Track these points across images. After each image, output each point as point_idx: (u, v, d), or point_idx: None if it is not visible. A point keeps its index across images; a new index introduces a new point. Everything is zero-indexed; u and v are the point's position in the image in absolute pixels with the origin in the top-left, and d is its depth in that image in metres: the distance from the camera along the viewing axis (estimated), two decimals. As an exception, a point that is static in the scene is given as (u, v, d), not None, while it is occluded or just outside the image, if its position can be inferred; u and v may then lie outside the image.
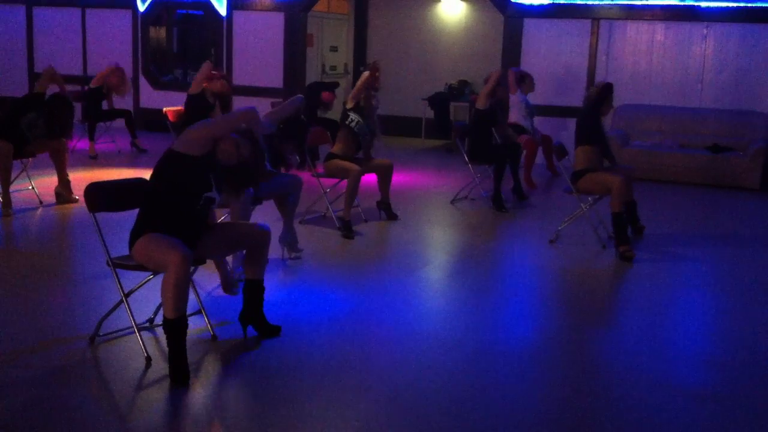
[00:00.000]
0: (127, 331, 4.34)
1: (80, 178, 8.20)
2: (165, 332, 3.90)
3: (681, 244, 7.08)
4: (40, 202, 7.72)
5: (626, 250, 6.43)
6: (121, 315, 4.31)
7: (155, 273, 4.15)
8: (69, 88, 10.75)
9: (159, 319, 4.48)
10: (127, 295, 4.20)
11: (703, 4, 10.72)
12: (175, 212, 4.04)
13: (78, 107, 11.25)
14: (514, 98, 9.50)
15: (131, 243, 4.09)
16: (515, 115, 9.49)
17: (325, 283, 5.65)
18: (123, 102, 12.70)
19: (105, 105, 11.11)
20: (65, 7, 14.05)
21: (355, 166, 7.02)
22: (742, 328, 5.05)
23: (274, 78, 12.68)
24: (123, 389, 3.85)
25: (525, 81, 9.63)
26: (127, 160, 10.59)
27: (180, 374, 3.85)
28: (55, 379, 3.89)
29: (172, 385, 3.83)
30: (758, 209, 9.04)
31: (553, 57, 11.53)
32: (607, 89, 7.02)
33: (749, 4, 10.54)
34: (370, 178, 7.84)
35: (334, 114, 9.45)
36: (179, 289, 3.83)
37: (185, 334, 3.90)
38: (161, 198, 4.04)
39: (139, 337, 4.13)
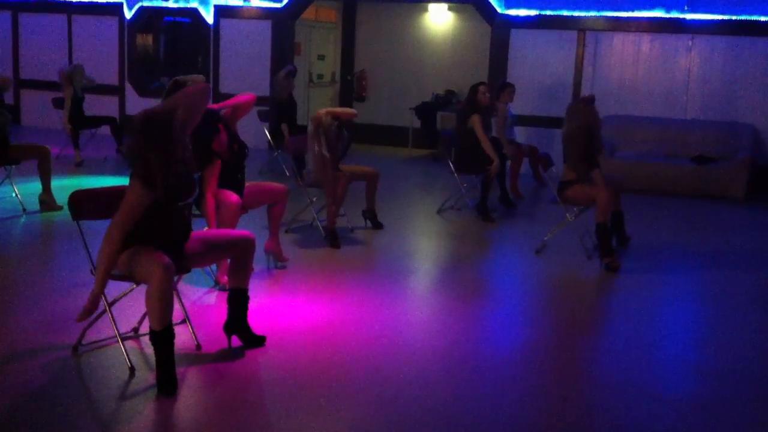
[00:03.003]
0: (110, 340, 4.31)
1: (65, 186, 8.15)
2: (152, 343, 3.87)
3: (666, 255, 7.11)
4: (24, 210, 7.66)
5: (611, 261, 6.45)
6: (104, 324, 4.28)
7: (138, 284, 4.13)
8: (53, 95, 10.80)
9: (143, 329, 4.46)
10: (110, 305, 4.17)
11: (689, 17, 10.80)
12: (155, 223, 4.01)
13: (62, 114, 11.26)
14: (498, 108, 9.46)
15: None
16: (495, 127, 9.43)
17: (311, 293, 5.63)
18: (109, 109, 12.68)
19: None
20: (51, 14, 14.00)
21: (342, 176, 6.99)
22: (728, 337, 5.07)
23: (261, 86, 12.65)
24: (106, 399, 3.82)
25: (505, 91, 9.61)
26: (113, 167, 10.52)
27: (168, 384, 3.83)
28: (37, 389, 3.85)
29: (158, 395, 3.80)
30: (743, 220, 9.09)
31: (539, 68, 11.57)
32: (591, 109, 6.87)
33: (734, 17, 10.63)
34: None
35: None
36: (163, 301, 3.81)
37: (172, 344, 3.88)
38: (145, 215, 4.00)
39: (122, 347, 4.10)
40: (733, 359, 4.67)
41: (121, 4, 13.52)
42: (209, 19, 13.07)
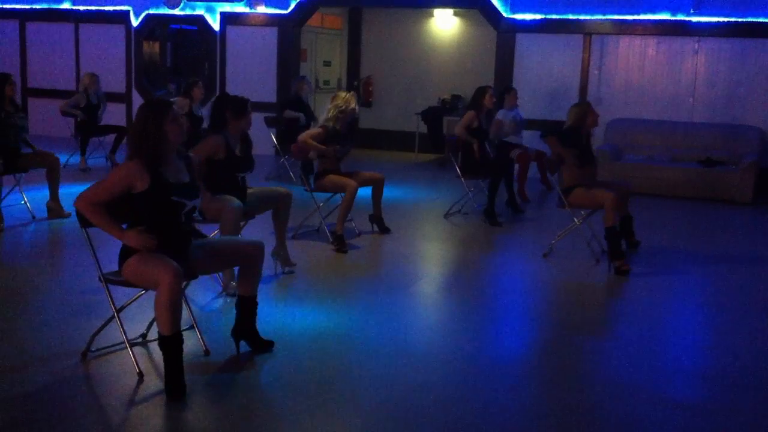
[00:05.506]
0: (119, 346, 4.32)
1: (72, 193, 8.16)
2: (161, 348, 3.88)
3: (674, 258, 7.09)
4: (33, 217, 7.70)
5: (621, 265, 6.42)
6: (113, 330, 4.29)
7: (147, 290, 4.14)
8: (60, 104, 10.92)
9: (151, 335, 4.47)
10: (119, 311, 4.18)
11: (694, 19, 10.79)
12: (160, 229, 4.02)
13: (71, 121, 11.31)
14: (499, 114, 9.46)
15: (120, 263, 4.08)
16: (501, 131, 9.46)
17: (318, 298, 5.63)
18: (116, 116, 12.72)
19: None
20: (59, 22, 14.07)
21: (351, 181, 7.00)
22: (735, 340, 5.05)
23: (267, 93, 12.70)
24: (115, 405, 3.82)
25: (509, 95, 9.64)
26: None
27: (177, 390, 3.83)
28: (46, 395, 3.86)
29: (167, 401, 3.81)
30: (750, 223, 9.06)
31: (545, 71, 11.57)
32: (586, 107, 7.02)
33: (740, 19, 10.61)
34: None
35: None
36: (173, 306, 3.82)
37: (181, 349, 3.88)
38: (142, 220, 4.03)
39: (131, 353, 4.11)
40: (739, 364, 4.65)
41: (128, 12, 13.58)
42: (215, 26, 13.11)
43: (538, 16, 11.44)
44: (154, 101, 4.25)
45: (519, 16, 11.52)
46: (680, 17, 10.86)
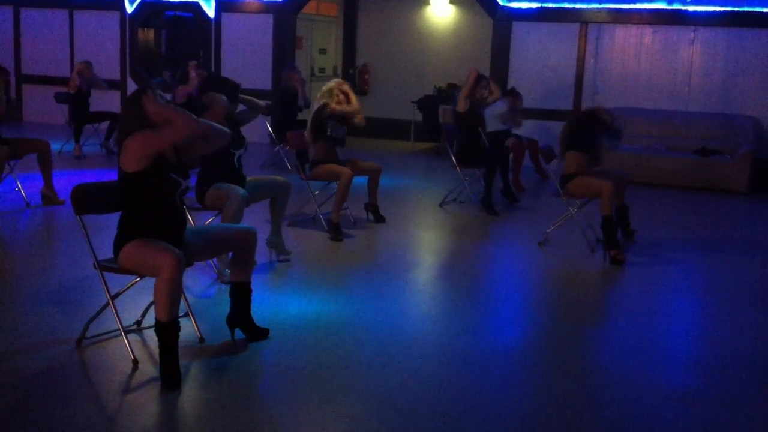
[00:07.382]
0: (113, 333, 4.31)
1: (67, 180, 8.15)
2: (157, 335, 3.87)
3: (669, 248, 7.10)
4: (27, 204, 7.68)
5: (617, 254, 6.43)
6: (107, 317, 4.29)
7: (142, 277, 4.13)
8: (55, 91, 10.91)
9: (146, 322, 4.46)
10: (113, 298, 4.17)
11: (691, 9, 10.78)
12: (156, 214, 4.01)
13: (65, 109, 11.26)
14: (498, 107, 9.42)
15: (116, 251, 4.06)
16: (491, 122, 9.41)
17: (314, 286, 5.64)
18: (111, 104, 12.67)
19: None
20: (53, 9, 14.00)
21: (346, 170, 6.99)
22: (730, 330, 5.07)
23: (263, 80, 12.67)
24: (110, 392, 3.82)
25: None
26: (113, 161, 10.53)
27: (171, 377, 3.83)
28: (41, 382, 3.86)
29: (162, 388, 3.81)
30: (746, 212, 9.08)
31: (541, 60, 11.55)
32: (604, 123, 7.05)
33: (736, 8, 10.60)
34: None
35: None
36: (173, 292, 3.81)
37: (177, 336, 3.88)
38: (139, 203, 4.01)
39: (125, 340, 4.11)
40: (735, 353, 4.66)
41: (123, -2, 13.53)
42: (211, 13, 13.05)
43: (534, 5, 11.42)
44: (132, 93, 4.16)
45: (515, 5, 11.49)
46: (676, 6, 10.84)
